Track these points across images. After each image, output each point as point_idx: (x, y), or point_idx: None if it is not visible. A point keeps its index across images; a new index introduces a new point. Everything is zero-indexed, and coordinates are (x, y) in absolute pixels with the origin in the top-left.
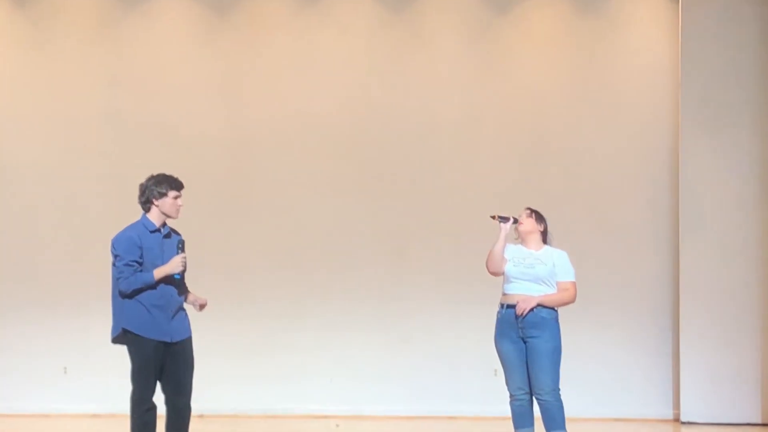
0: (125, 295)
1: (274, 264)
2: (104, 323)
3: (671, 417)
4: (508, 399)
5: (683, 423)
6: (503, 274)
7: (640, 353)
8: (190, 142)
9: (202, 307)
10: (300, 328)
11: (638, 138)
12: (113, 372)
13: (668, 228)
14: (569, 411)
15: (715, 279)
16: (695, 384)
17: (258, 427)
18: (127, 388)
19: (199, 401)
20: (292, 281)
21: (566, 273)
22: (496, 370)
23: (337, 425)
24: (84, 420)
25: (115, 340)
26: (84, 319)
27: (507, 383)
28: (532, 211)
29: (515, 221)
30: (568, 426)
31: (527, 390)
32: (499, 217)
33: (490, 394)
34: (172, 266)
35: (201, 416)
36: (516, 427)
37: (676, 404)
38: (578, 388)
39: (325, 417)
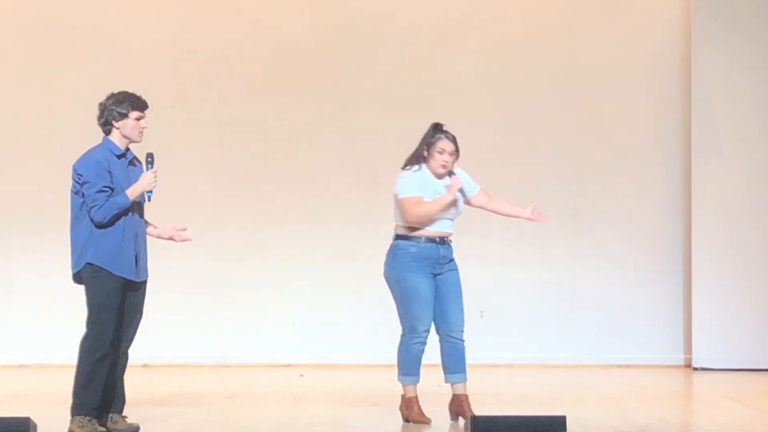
0: (102, 225)
1: (228, 190)
2: (29, 263)
3: (682, 363)
4: (405, 341)
5: (695, 369)
6: None
7: (647, 291)
8: (129, 56)
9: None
10: (258, 264)
11: (644, 37)
12: (41, 318)
13: (678, 147)
14: (564, 357)
15: (732, 206)
16: (709, 326)
17: (209, 379)
18: (56, 336)
19: (143, 349)
20: (249, 210)
21: (473, 186)
22: (482, 312)
23: (302, 375)
24: (10, 371)
25: (77, 276)
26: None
27: (414, 324)
28: (453, 140)
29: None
30: (565, 374)
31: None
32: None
33: (477, 338)
34: (144, 183)
35: (145, 366)
36: (411, 373)
37: (688, 349)
38: (575, 331)
39: (288, 366)
